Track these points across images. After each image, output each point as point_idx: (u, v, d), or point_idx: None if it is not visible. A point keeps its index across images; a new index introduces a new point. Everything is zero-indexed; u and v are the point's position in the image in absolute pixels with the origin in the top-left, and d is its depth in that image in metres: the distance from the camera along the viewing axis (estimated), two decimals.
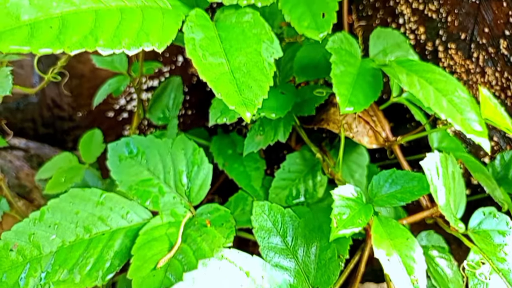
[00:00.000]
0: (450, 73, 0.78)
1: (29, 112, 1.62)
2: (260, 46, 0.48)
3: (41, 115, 1.67)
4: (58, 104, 1.71)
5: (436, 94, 0.50)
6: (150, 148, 0.60)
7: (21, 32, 0.34)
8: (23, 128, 1.60)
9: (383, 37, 0.63)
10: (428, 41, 0.79)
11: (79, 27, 0.36)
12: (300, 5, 0.55)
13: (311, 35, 0.52)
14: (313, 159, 0.65)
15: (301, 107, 0.62)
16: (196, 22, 0.48)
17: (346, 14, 0.76)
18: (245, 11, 0.52)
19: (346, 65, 0.54)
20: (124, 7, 0.42)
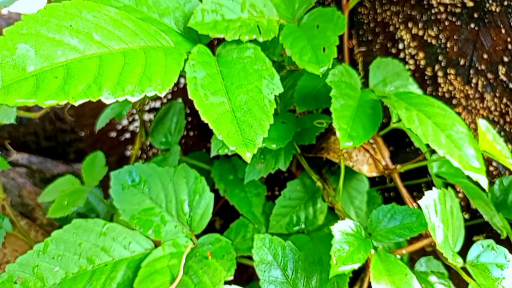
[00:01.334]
0: (449, 98, 0.79)
1: (31, 126, 1.64)
2: (261, 83, 0.49)
3: (43, 129, 1.68)
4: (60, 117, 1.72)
5: (434, 129, 0.51)
6: (152, 176, 0.60)
7: (27, 84, 0.35)
8: (26, 142, 1.61)
9: (383, 67, 0.64)
10: (428, 67, 0.80)
11: (83, 75, 0.37)
12: (301, 39, 0.56)
13: (312, 69, 0.52)
14: (313, 186, 0.66)
15: (301, 136, 0.63)
16: (198, 60, 0.48)
17: (347, 39, 0.77)
18: (246, 46, 0.53)
19: (346, 98, 0.55)
20: (127, 50, 0.43)
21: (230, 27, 0.52)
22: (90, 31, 0.41)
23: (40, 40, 0.37)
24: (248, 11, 0.55)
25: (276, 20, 0.57)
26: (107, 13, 0.44)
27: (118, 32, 0.44)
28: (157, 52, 0.44)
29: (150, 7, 0.52)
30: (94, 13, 0.43)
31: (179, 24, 0.54)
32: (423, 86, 0.80)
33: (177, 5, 0.54)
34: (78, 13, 0.42)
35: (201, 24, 0.51)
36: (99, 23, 0.42)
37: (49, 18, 0.39)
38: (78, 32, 0.40)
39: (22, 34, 0.37)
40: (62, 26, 0.39)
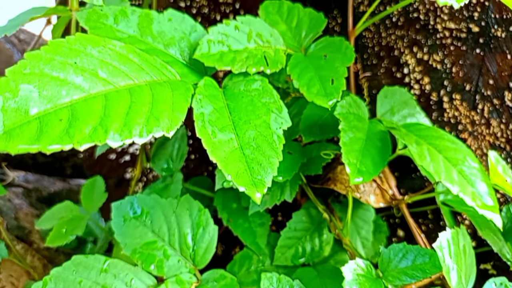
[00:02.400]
0: (455, 124, 0.78)
1: None
2: (269, 118, 0.48)
3: None
4: None
5: (446, 165, 0.50)
6: (154, 208, 0.59)
7: (29, 128, 0.33)
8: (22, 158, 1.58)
9: (390, 95, 0.63)
10: (433, 92, 0.79)
11: (89, 117, 0.36)
12: (308, 70, 0.54)
13: (320, 102, 0.51)
14: (319, 216, 0.64)
15: (307, 166, 0.61)
16: (205, 94, 0.47)
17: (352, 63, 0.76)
18: (254, 79, 0.51)
19: (355, 130, 0.54)
20: (133, 87, 0.41)
21: (237, 58, 0.51)
22: (95, 68, 0.40)
23: (43, 80, 0.36)
24: (254, 41, 0.54)
25: (283, 49, 0.56)
26: (112, 48, 0.43)
27: (124, 67, 0.42)
28: (163, 88, 0.43)
29: (155, 37, 0.51)
30: (99, 48, 0.42)
31: (185, 55, 0.52)
32: (429, 111, 0.79)
33: (182, 35, 0.53)
34: (83, 49, 0.40)
35: (207, 56, 0.50)
36: (104, 59, 0.41)
37: (53, 55, 0.38)
38: (83, 69, 0.39)
39: (25, 74, 0.36)
40: (66, 63, 0.38)
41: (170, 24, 0.53)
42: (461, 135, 0.78)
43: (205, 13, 0.89)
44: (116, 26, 0.50)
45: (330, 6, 0.83)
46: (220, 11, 0.88)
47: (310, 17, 0.60)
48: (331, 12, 0.83)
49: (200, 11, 0.89)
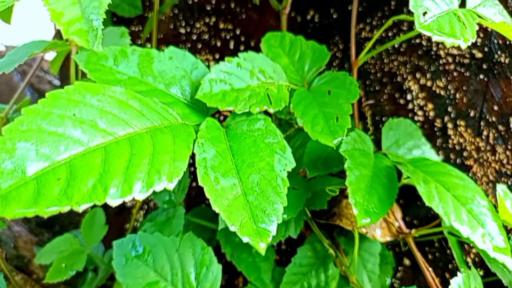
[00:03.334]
0: (460, 150, 0.77)
1: None
2: (273, 159, 0.47)
3: None
4: None
5: (455, 204, 0.48)
6: (157, 247, 0.58)
7: (26, 190, 0.32)
8: None
9: (395, 128, 0.62)
10: (437, 118, 0.78)
11: (87, 174, 0.35)
12: (312, 107, 0.53)
13: (325, 141, 0.50)
14: (324, 250, 0.63)
15: (312, 201, 0.60)
16: (207, 137, 0.46)
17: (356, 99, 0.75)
18: (257, 118, 0.50)
19: (361, 167, 0.53)
20: (133, 136, 0.40)
21: (240, 98, 0.50)
22: (95, 119, 0.39)
23: (41, 136, 0.35)
24: (257, 78, 0.53)
25: (286, 85, 0.55)
26: (112, 95, 0.42)
27: (124, 115, 0.41)
28: (164, 135, 0.42)
29: (155, 77, 0.50)
30: (98, 96, 0.41)
31: (186, 94, 0.51)
32: (433, 137, 0.78)
33: (183, 73, 0.52)
34: (82, 98, 0.39)
35: (209, 96, 0.49)
36: (104, 108, 0.40)
37: (51, 109, 0.37)
38: (82, 121, 0.38)
39: (22, 131, 0.34)
40: (65, 116, 0.37)
41: (171, 62, 0.52)
42: (466, 162, 0.77)
43: (205, 39, 0.88)
44: (116, 68, 0.49)
45: (331, 32, 0.82)
46: (221, 37, 0.87)
47: (313, 50, 0.60)
48: (333, 38, 0.82)
49: (200, 37, 0.88)
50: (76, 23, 0.42)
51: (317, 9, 0.83)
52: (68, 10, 0.43)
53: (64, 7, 0.44)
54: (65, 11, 0.43)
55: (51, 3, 0.43)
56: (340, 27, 0.82)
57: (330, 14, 0.82)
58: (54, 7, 0.43)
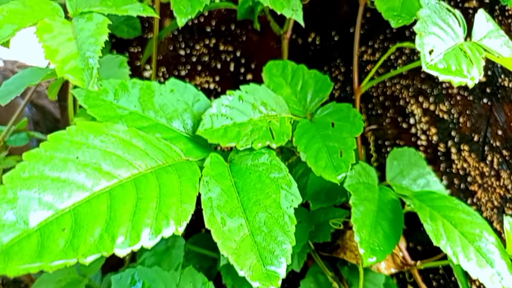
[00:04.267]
0: (464, 175, 0.76)
1: None
2: (279, 195, 0.46)
3: None
4: None
5: (463, 242, 0.48)
6: (156, 282, 0.56)
7: (30, 243, 0.31)
8: None
9: (399, 157, 0.61)
10: (440, 142, 0.77)
11: (93, 223, 0.34)
12: (315, 140, 0.53)
13: (329, 177, 0.49)
14: (327, 282, 0.62)
15: (315, 233, 0.59)
16: (211, 174, 0.45)
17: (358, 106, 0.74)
18: (260, 152, 0.50)
19: (366, 203, 0.52)
20: (138, 178, 0.39)
21: (242, 133, 0.49)
22: (98, 161, 0.38)
23: (43, 183, 0.34)
24: (259, 110, 0.52)
25: (289, 118, 0.54)
26: (115, 134, 0.41)
27: (128, 155, 0.40)
28: (170, 175, 0.41)
29: (157, 111, 0.49)
30: (101, 137, 0.40)
31: (188, 128, 0.51)
32: (437, 162, 0.77)
33: (185, 107, 0.51)
34: (85, 140, 0.39)
35: (211, 132, 0.48)
36: (107, 149, 0.39)
37: (53, 152, 0.36)
38: (85, 164, 0.37)
39: (24, 178, 0.33)
40: (68, 160, 0.36)
41: (172, 95, 0.51)
42: (470, 187, 0.76)
43: (205, 61, 0.87)
44: (117, 102, 0.48)
45: (333, 54, 0.82)
46: (221, 59, 0.87)
47: (315, 79, 0.59)
48: (334, 61, 0.82)
49: (200, 59, 0.87)
50: (71, 61, 0.42)
51: (318, 32, 0.82)
52: (63, 46, 0.43)
53: (59, 43, 0.43)
54: (61, 47, 0.42)
55: (46, 39, 0.42)
56: (341, 50, 0.82)
57: (332, 37, 0.82)
58: (49, 43, 0.42)
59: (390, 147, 0.80)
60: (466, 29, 0.50)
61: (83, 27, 0.45)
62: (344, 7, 0.81)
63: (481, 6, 0.74)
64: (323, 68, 0.82)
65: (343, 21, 0.81)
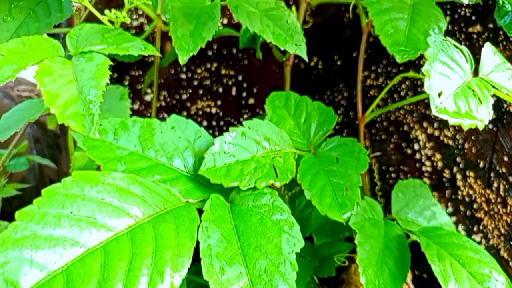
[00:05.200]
0: (470, 202, 0.75)
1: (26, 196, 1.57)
2: (280, 240, 0.45)
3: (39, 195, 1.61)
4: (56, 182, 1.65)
5: (471, 283, 0.46)
6: None
7: None
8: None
9: (404, 190, 0.60)
10: (446, 168, 0.76)
11: (86, 283, 0.32)
12: (320, 176, 0.51)
13: (334, 216, 0.48)
14: None
15: (320, 268, 0.58)
16: (211, 218, 0.44)
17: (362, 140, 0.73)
18: (263, 192, 0.48)
19: (371, 240, 0.51)
20: (134, 230, 0.38)
21: (245, 171, 0.48)
22: (94, 214, 0.37)
23: (36, 243, 0.33)
24: (262, 146, 0.51)
25: (292, 153, 0.53)
26: (112, 183, 0.40)
27: (125, 204, 0.39)
28: (167, 225, 0.40)
29: (157, 150, 0.48)
30: (98, 187, 0.39)
31: (189, 167, 0.49)
32: (442, 189, 0.76)
33: (186, 144, 0.50)
34: (80, 192, 0.37)
35: (213, 171, 0.47)
36: (103, 200, 0.38)
37: (46, 209, 0.35)
38: (80, 219, 0.36)
39: (16, 240, 0.32)
40: (62, 216, 0.35)
41: (173, 133, 0.50)
42: (476, 214, 0.75)
43: (207, 85, 0.86)
44: (116, 142, 0.47)
45: (335, 79, 0.81)
46: (222, 83, 0.86)
47: (319, 111, 0.58)
48: (337, 85, 0.81)
49: (201, 83, 0.86)
50: (72, 105, 0.41)
51: (320, 56, 0.81)
52: (64, 90, 0.42)
53: (60, 86, 0.42)
54: (61, 91, 0.41)
55: (46, 84, 0.41)
56: (344, 74, 0.80)
57: (334, 61, 0.81)
58: (49, 88, 0.41)
59: (394, 173, 0.78)
60: (473, 64, 0.49)
61: (84, 68, 0.44)
62: (346, 31, 0.80)
63: (485, 31, 0.73)
64: (326, 92, 0.81)
65: (345, 45, 0.80)
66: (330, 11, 0.81)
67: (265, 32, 0.50)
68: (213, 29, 0.50)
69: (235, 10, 0.52)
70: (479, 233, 0.75)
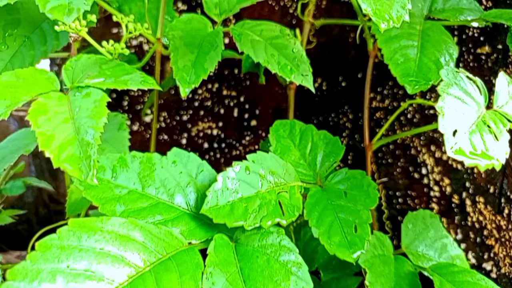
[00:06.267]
0: (480, 228, 0.73)
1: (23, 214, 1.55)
2: (288, 283, 0.43)
3: (36, 214, 1.59)
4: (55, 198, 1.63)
5: None
6: None
7: None
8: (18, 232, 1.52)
9: (414, 221, 0.58)
10: (454, 194, 0.74)
11: None
12: (328, 212, 0.49)
13: (343, 256, 0.46)
14: None
15: None
16: (215, 261, 0.42)
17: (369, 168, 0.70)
18: (269, 231, 0.46)
19: (382, 279, 0.48)
20: (134, 282, 0.36)
21: (249, 209, 0.46)
22: (91, 266, 0.35)
23: None
24: (267, 180, 0.49)
25: (299, 187, 0.51)
26: (111, 230, 0.38)
27: (125, 252, 0.37)
28: (170, 274, 0.38)
29: (158, 188, 0.46)
30: (96, 236, 0.36)
31: (191, 204, 0.47)
32: (451, 215, 0.74)
33: (188, 180, 0.48)
34: (77, 242, 0.35)
35: (216, 210, 0.45)
36: (102, 249, 0.36)
37: (40, 265, 0.33)
38: (77, 274, 0.33)
39: None
40: (57, 272, 0.33)
41: (174, 168, 0.48)
42: (487, 241, 0.72)
43: (208, 106, 0.84)
44: (115, 181, 0.45)
45: (340, 101, 0.79)
46: (224, 105, 0.84)
47: (325, 141, 0.56)
48: (342, 107, 0.79)
49: (202, 104, 0.84)
50: (68, 147, 0.38)
51: (324, 77, 0.79)
52: (59, 130, 0.40)
53: (55, 126, 0.40)
54: (56, 132, 0.39)
55: (41, 124, 0.39)
56: (349, 96, 0.79)
57: (339, 82, 0.79)
58: (44, 129, 0.39)
59: (401, 198, 0.76)
60: (487, 95, 0.47)
61: (80, 105, 0.42)
62: (351, 51, 0.78)
63: (494, 52, 0.71)
64: (330, 114, 0.79)
65: (350, 66, 0.78)
66: (335, 31, 0.79)
67: (270, 62, 0.48)
68: (215, 59, 0.48)
69: (238, 38, 0.50)
70: (490, 261, 0.72)
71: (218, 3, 0.56)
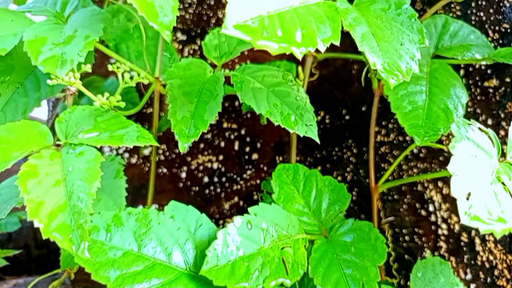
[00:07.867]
0: (490, 268, 0.70)
1: (21, 239, 1.53)
2: None
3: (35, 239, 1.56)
4: None
5: None
6: None
7: None
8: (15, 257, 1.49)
9: (423, 270, 0.56)
10: (463, 232, 0.71)
11: None
12: (334, 268, 0.47)
13: None
14: None
15: None
16: None
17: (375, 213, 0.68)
18: None
19: None
20: None
21: (251, 268, 0.44)
22: None
23: None
24: (271, 235, 0.47)
25: (303, 240, 0.49)
26: None
27: None
28: None
29: (155, 247, 0.44)
30: None
31: (190, 262, 0.45)
32: (459, 253, 0.71)
33: (187, 236, 0.46)
34: None
35: (216, 271, 0.43)
36: None
37: None
38: None
39: None
40: None
41: (172, 223, 0.46)
42: (498, 281, 0.70)
43: (208, 139, 0.82)
44: (109, 242, 0.42)
45: (344, 134, 0.77)
46: (224, 137, 0.82)
47: (331, 188, 0.53)
48: (346, 141, 0.77)
49: (202, 137, 0.82)
50: (59, 215, 0.36)
51: (327, 110, 0.77)
52: (49, 195, 0.37)
53: (46, 191, 0.38)
54: (46, 197, 0.37)
55: (30, 190, 0.37)
56: (353, 129, 0.76)
57: (342, 115, 0.77)
58: (33, 195, 0.37)
59: (408, 236, 0.74)
60: (500, 146, 0.45)
61: (73, 164, 0.40)
62: (355, 84, 0.76)
63: (502, 86, 0.69)
64: (334, 149, 0.77)
65: (354, 99, 0.76)
66: (338, 63, 0.77)
67: (273, 113, 0.46)
68: (216, 110, 0.46)
69: (239, 87, 0.48)
70: None
71: (218, 45, 0.54)
